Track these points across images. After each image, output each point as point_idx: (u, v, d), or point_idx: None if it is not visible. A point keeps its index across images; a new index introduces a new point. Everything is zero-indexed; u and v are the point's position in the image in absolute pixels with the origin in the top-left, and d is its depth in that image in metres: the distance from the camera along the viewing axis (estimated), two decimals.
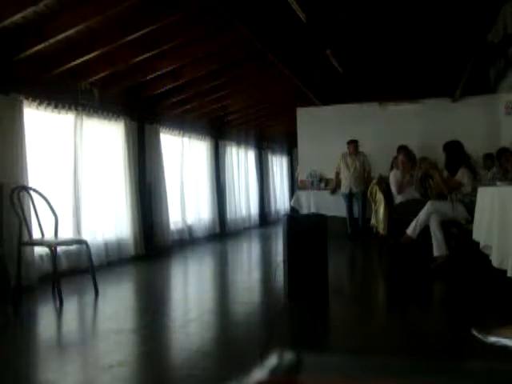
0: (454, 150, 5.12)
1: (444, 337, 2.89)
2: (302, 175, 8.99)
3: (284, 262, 3.96)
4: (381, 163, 7.58)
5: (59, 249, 4.46)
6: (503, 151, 6.30)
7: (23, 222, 4.05)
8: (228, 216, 9.65)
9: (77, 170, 5.43)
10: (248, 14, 5.27)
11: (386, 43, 6.66)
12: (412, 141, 7.23)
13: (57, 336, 3.30)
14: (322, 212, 5.68)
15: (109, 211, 6.05)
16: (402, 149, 6.59)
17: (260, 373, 0.50)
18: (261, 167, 11.93)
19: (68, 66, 5.06)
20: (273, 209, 12.32)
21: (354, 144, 7.64)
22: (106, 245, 5.86)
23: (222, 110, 8.80)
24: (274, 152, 12.98)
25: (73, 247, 4.99)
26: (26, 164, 4.55)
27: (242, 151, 10.85)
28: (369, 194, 6.06)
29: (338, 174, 7.91)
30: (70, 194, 5.33)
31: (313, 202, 8.15)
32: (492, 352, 2.40)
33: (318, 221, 3.96)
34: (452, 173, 5.07)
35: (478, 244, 3.56)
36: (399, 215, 5.43)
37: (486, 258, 3.38)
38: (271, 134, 12.32)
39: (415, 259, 5.45)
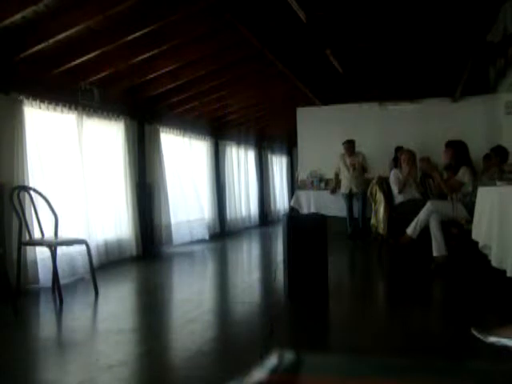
0: (459, 149, 5.12)
1: (444, 337, 2.89)
2: (302, 175, 8.99)
3: (284, 261, 3.97)
4: (381, 163, 7.58)
5: (59, 249, 4.46)
6: (487, 156, 6.33)
7: (23, 222, 4.05)
8: (228, 216, 9.65)
9: (77, 170, 5.43)
10: (248, 13, 5.27)
11: (386, 43, 6.65)
12: (412, 141, 7.22)
13: (57, 336, 3.30)
14: (322, 212, 5.68)
15: (109, 211, 6.05)
16: (400, 149, 6.60)
17: (260, 373, 0.50)
18: (261, 167, 11.92)
19: (68, 65, 5.06)
20: (273, 209, 12.32)
21: (349, 144, 7.62)
22: (106, 245, 5.86)
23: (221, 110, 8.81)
24: (273, 152, 12.97)
25: (73, 247, 4.98)
26: (26, 164, 4.55)
27: (241, 151, 10.84)
28: (369, 193, 6.06)
29: (337, 174, 7.91)
30: (69, 194, 5.32)
31: (313, 202, 8.15)
32: (492, 352, 2.40)
33: (317, 221, 3.96)
34: (453, 172, 5.07)
35: (477, 244, 3.56)
36: (399, 215, 5.42)
37: (485, 258, 3.37)
38: (271, 134, 12.32)
39: (415, 259, 5.45)
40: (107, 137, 6.09)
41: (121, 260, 6.04)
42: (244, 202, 10.66)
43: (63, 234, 4.73)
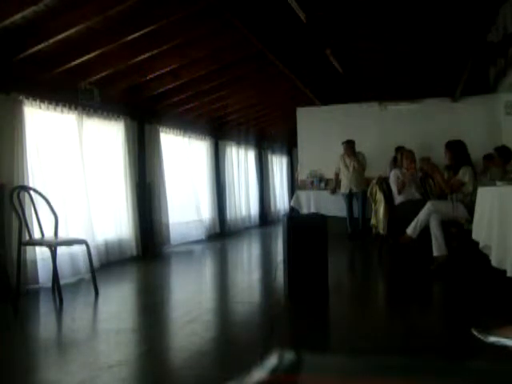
0: (458, 150, 5.12)
1: (444, 337, 2.89)
2: (302, 175, 8.99)
3: (284, 261, 3.97)
4: (381, 163, 7.57)
5: (59, 249, 4.46)
6: (487, 156, 6.36)
7: (23, 222, 4.05)
8: (228, 216, 9.65)
9: (77, 170, 5.43)
10: (248, 13, 5.27)
11: (386, 43, 6.65)
12: (412, 141, 7.22)
13: (57, 336, 3.29)
14: (322, 212, 5.68)
15: (109, 211, 6.05)
16: (401, 149, 6.60)
17: (260, 373, 0.50)
18: (261, 167, 11.93)
19: (68, 65, 5.06)
20: (273, 209, 12.32)
21: (348, 145, 7.61)
22: (106, 245, 5.86)
23: (222, 110, 8.81)
24: (274, 152, 12.98)
25: (73, 247, 4.98)
26: (26, 164, 4.55)
27: (241, 151, 10.84)
28: (369, 193, 6.06)
29: (337, 174, 7.90)
30: (70, 194, 5.32)
31: (313, 202, 8.15)
32: (492, 352, 2.40)
33: (318, 221, 3.96)
34: (454, 172, 5.07)
35: (477, 244, 3.56)
36: (399, 215, 5.42)
37: (485, 258, 3.37)
38: (271, 134, 12.32)
39: (415, 259, 5.45)
40: (107, 137, 6.09)
41: (121, 260, 6.04)
42: (244, 202, 10.66)
43: (63, 234, 4.74)
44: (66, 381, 2.36)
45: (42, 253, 4.57)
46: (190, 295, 4.38)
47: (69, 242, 4.53)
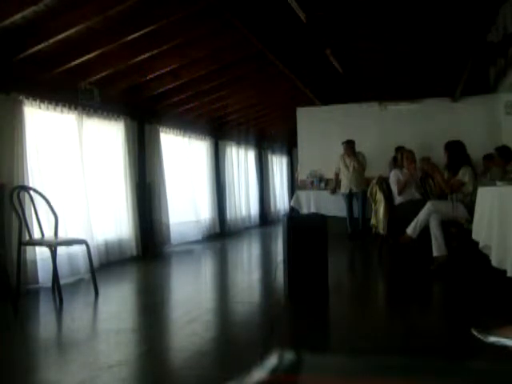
0: (456, 150, 5.12)
1: (444, 337, 2.89)
2: (302, 175, 8.99)
3: (284, 261, 3.97)
4: (381, 163, 7.58)
5: (59, 248, 4.46)
6: (487, 156, 6.39)
7: (23, 222, 4.05)
8: (228, 216, 9.66)
9: (77, 170, 5.43)
10: (248, 13, 5.27)
11: (386, 43, 6.66)
12: (412, 141, 7.22)
13: (57, 336, 3.29)
14: (322, 212, 5.67)
15: (109, 211, 6.05)
16: (401, 149, 6.60)
17: (260, 373, 0.50)
18: (261, 167, 11.93)
19: (68, 65, 5.06)
20: (273, 209, 12.32)
21: (348, 145, 7.60)
22: (106, 245, 5.86)
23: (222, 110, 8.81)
24: (274, 152, 12.98)
25: (73, 247, 4.98)
26: (26, 164, 4.55)
27: (242, 151, 10.84)
28: (369, 193, 6.06)
29: (337, 174, 7.90)
30: (70, 194, 5.32)
31: (313, 202, 8.15)
32: (492, 352, 2.40)
33: (318, 221, 3.96)
34: (453, 172, 5.07)
35: (477, 244, 3.56)
36: (399, 215, 5.42)
37: (485, 258, 3.37)
38: (271, 134, 12.32)
39: (415, 259, 5.45)
40: (107, 137, 6.09)
41: (121, 260, 6.04)
42: (244, 202, 10.66)
43: (63, 234, 4.74)
44: (66, 381, 2.36)
45: (41, 253, 4.57)
46: (190, 295, 4.38)
47: (69, 242, 4.53)
